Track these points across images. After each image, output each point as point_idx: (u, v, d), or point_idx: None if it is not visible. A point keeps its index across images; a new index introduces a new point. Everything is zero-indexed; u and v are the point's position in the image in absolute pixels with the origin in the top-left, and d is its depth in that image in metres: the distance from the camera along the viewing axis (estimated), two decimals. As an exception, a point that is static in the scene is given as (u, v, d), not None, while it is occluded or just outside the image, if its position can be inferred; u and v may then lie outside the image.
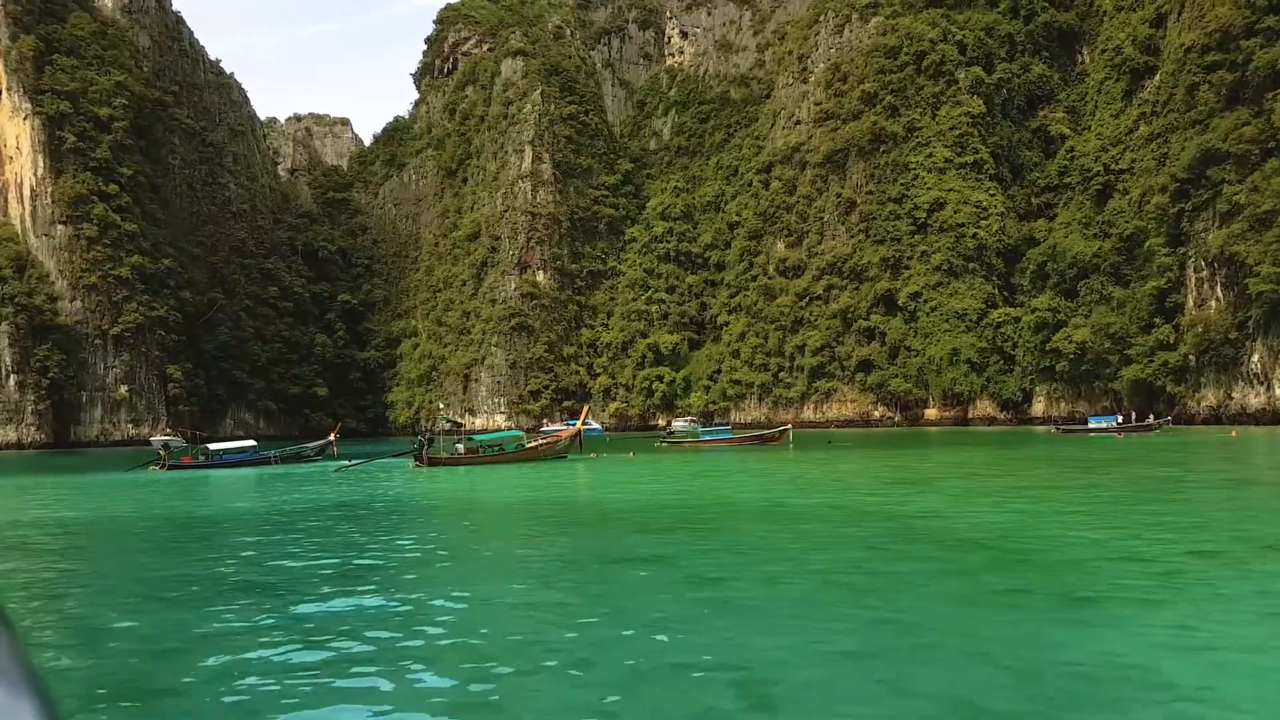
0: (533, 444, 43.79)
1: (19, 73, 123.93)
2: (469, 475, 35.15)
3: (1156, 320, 72.64)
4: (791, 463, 37.65)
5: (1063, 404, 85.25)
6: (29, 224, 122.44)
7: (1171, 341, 70.55)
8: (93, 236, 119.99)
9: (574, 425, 51.02)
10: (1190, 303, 69.86)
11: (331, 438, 53.34)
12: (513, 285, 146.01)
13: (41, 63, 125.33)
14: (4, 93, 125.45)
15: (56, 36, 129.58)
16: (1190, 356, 67.76)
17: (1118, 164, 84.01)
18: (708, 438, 60.34)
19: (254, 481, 35.61)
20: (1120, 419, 57.80)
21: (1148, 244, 74.27)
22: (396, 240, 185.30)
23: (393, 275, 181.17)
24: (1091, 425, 57.36)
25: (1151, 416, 60.05)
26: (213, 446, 50.43)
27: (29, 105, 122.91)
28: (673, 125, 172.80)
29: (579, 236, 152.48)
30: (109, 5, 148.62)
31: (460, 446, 42.50)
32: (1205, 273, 68.09)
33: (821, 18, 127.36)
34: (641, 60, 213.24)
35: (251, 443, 52.50)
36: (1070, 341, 78.18)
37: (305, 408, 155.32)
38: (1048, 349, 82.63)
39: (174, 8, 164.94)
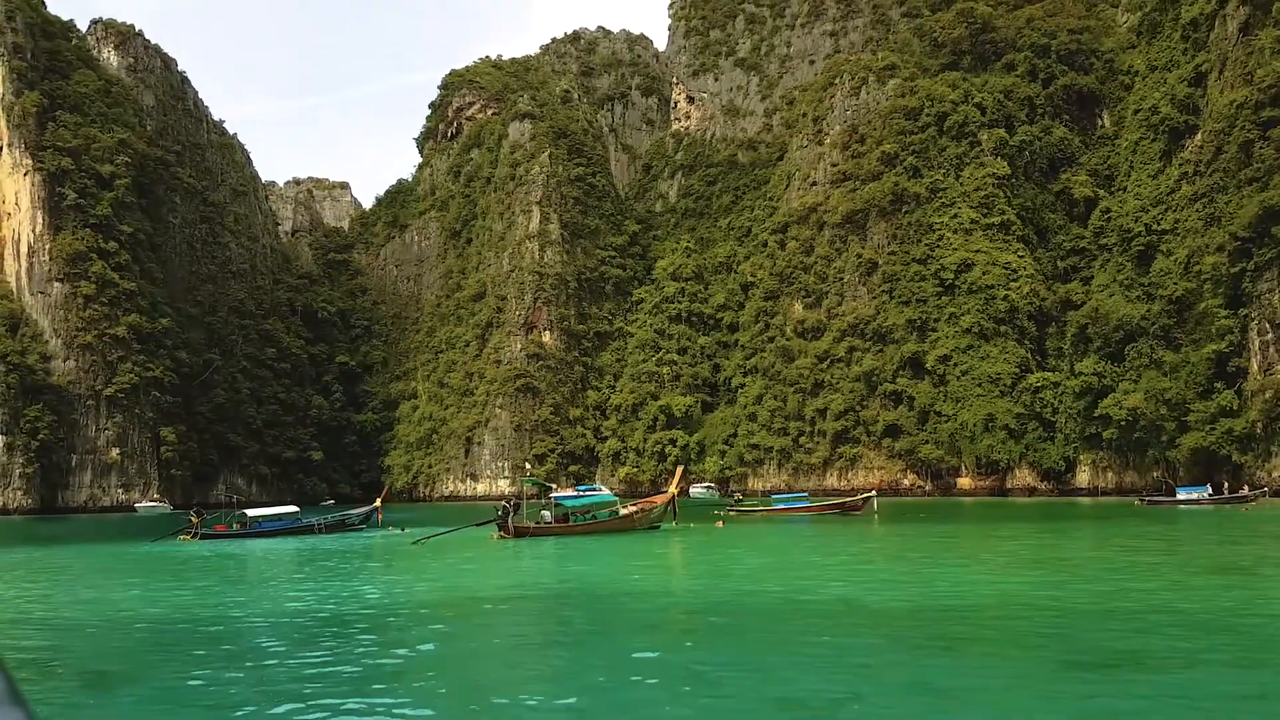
0: (627, 511, 39.55)
1: (21, 128, 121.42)
2: (567, 550, 30.52)
3: (1217, 385, 69.20)
4: (946, 540, 31.90)
5: (1109, 474, 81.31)
6: (24, 281, 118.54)
7: (1235, 408, 67.09)
8: (89, 294, 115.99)
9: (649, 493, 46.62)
10: (1255, 367, 66.64)
11: (377, 503, 48.67)
12: (518, 346, 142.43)
13: (44, 119, 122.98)
14: (5, 148, 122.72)
15: (60, 93, 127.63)
16: (1258, 424, 64.25)
17: (1159, 224, 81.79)
18: (782, 505, 55.77)
19: (301, 559, 30.29)
20: (1209, 490, 54.07)
21: (1203, 305, 71.36)
22: (397, 301, 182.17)
23: (392, 336, 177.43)
24: (1180, 496, 53.61)
25: (1246, 488, 56.27)
26: (251, 513, 45.39)
27: (30, 161, 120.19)
28: (680, 188, 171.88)
29: (586, 297, 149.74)
30: (114, 64, 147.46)
31: (547, 514, 38.23)
32: (1271, 335, 65.07)
33: (836, 80, 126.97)
34: (645, 126, 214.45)
35: (293, 509, 47.71)
36: (1121, 408, 74.54)
37: (299, 472, 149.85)
38: (1095, 416, 79.00)
39: (179, 68, 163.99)
